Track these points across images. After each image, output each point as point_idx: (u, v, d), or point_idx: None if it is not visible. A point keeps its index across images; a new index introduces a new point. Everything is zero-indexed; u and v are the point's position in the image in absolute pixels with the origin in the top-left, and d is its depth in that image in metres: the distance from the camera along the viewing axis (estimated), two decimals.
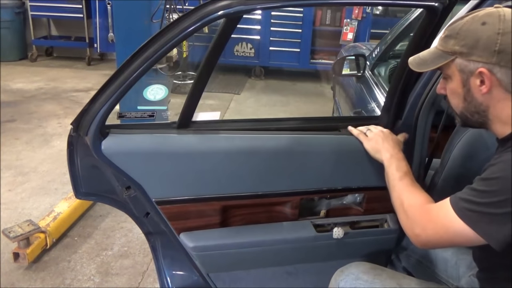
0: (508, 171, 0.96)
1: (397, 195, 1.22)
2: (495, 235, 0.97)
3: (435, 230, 1.06)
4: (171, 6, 3.54)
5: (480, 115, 1.06)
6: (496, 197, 0.96)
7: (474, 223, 0.99)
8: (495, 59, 0.97)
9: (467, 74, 1.02)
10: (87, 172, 1.36)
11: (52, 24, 7.07)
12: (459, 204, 1.02)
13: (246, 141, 1.40)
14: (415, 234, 1.10)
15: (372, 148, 1.38)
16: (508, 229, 0.95)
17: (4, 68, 6.06)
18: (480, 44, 0.98)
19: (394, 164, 1.29)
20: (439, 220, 1.06)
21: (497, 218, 0.96)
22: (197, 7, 1.17)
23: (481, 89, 1.01)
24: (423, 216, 1.10)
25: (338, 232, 1.51)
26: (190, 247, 1.44)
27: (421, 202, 1.14)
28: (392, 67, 2.71)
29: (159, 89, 3.14)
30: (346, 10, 6.02)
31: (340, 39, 5.97)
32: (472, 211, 0.99)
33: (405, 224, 1.15)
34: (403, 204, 1.17)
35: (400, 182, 1.24)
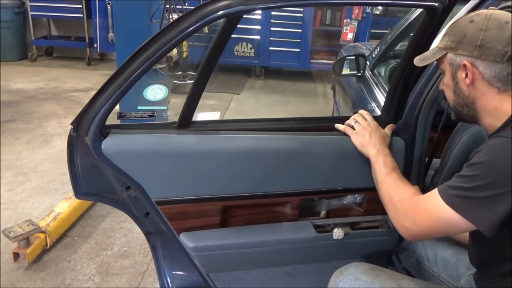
0: (493, 155, 1.00)
1: (385, 191, 1.24)
2: (482, 219, 0.99)
3: (425, 221, 1.09)
4: (171, 6, 3.54)
5: (469, 108, 1.13)
6: (481, 181, 0.99)
7: (462, 209, 1.01)
8: (476, 52, 1.05)
9: (455, 67, 1.11)
10: (87, 172, 1.36)
11: (52, 24, 7.07)
12: (447, 191, 1.05)
13: (246, 141, 1.40)
14: (405, 227, 1.13)
15: (360, 143, 1.40)
16: (495, 212, 0.97)
17: (4, 68, 6.06)
18: (466, 39, 1.06)
19: (381, 159, 1.32)
20: (429, 210, 1.08)
21: (484, 201, 0.98)
22: (197, 7, 1.17)
23: (465, 81, 1.09)
24: (412, 208, 1.12)
25: (338, 233, 1.51)
26: (190, 247, 1.43)
27: (409, 195, 1.17)
28: (392, 67, 2.71)
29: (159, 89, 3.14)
30: (346, 10, 6.02)
31: (340, 39, 5.97)
32: (459, 197, 1.01)
33: (395, 219, 1.18)
34: (392, 199, 1.20)
35: (387, 177, 1.26)
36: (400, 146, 1.51)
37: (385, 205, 1.24)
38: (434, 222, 1.07)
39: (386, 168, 1.29)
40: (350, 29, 5.92)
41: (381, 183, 1.28)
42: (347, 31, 5.93)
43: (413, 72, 1.45)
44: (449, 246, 1.48)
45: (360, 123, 1.43)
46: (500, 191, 0.97)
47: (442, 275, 1.47)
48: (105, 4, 5.69)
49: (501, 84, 1.05)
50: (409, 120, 1.51)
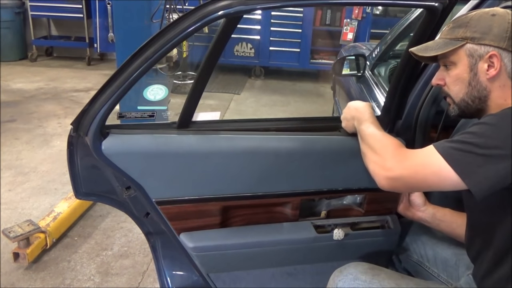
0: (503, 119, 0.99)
1: (370, 141, 1.20)
2: (474, 176, 0.97)
3: (411, 164, 1.05)
4: (171, 6, 3.54)
5: (481, 101, 1.11)
6: (483, 138, 0.98)
7: (455, 161, 0.99)
8: (506, 43, 1.05)
9: (476, 58, 1.09)
10: (87, 172, 1.36)
11: (52, 24, 7.07)
12: (442, 144, 1.03)
13: (246, 142, 1.40)
14: (386, 167, 1.08)
15: (346, 125, 1.38)
16: (489, 173, 0.96)
17: (4, 68, 6.06)
18: (493, 30, 1.06)
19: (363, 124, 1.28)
20: (419, 155, 1.06)
21: (479, 158, 0.97)
22: (197, 7, 1.17)
23: (488, 73, 1.08)
24: (400, 153, 1.09)
25: (339, 233, 1.51)
26: (190, 248, 1.43)
27: (397, 143, 1.14)
28: (392, 67, 2.71)
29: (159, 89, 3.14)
30: (346, 10, 6.02)
31: (340, 39, 5.98)
32: (455, 149, 1.00)
33: (374, 160, 1.13)
34: (375, 146, 1.15)
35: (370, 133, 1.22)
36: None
37: (365, 153, 1.19)
38: (421, 168, 1.04)
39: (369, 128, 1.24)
40: (350, 29, 5.93)
41: (364, 138, 1.23)
42: (347, 31, 5.93)
43: (413, 72, 1.45)
44: (449, 246, 1.48)
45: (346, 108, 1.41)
46: (499, 153, 0.96)
47: (441, 275, 1.47)
48: (105, 4, 5.69)
49: None
50: (409, 120, 1.51)
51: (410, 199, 1.44)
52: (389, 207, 1.55)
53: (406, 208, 1.46)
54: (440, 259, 1.48)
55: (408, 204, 1.45)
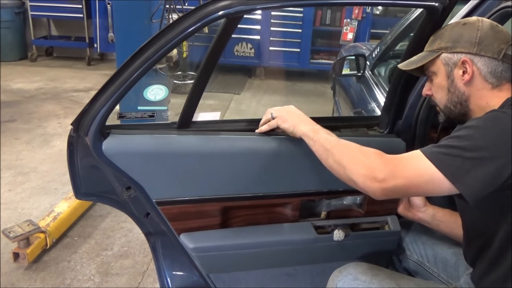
0: (488, 121, 1.02)
1: (343, 152, 1.12)
2: (465, 179, 0.97)
3: (405, 173, 1.02)
4: (171, 6, 3.54)
5: (462, 106, 1.16)
6: (471, 141, 0.99)
7: (445, 166, 0.99)
8: (476, 49, 1.11)
9: (451, 66, 1.15)
10: (87, 173, 1.36)
11: (52, 24, 7.07)
12: (430, 149, 1.03)
13: (247, 142, 1.40)
14: (379, 179, 1.02)
15: (290, 125, 1.29)
16: (479, 173, 0.96)
17: (4, 68, 6.06)
18: (463, 38, 1.13)
19: (321, 131, 1.23)
20: (410, 164, 1.03)
21: (469, 161, 0.97)
22: (198, 7, 1.17)
23: (463, 78, 1.13)
24: (388, 161, 1.04)
25: (339, 234, 1.51)
26: (190, 248, 1.43)
27: (377, 151, 1.08)
28: (392, 67, 2.71)
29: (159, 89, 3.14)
30: (346, 10, 6.02)
31: (340, 39, 5.98)
32: (444, 154, 1.00)
33: (362, 174, 1.05)
34: (357, 157, 1.08)
35: (340, 141, 1.17)
36: (401, 146, 1.51)
37: (345, 166, 1.09)
38: (414, 176, 1.02)
39: (331, 136, 1.20)
40: (350, 29, 5.92)
41: (334, 147, 1.15)
42: (347, 31, 5.93)
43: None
44: (449, 247, 1.48)
45: (277, 110, 1.34)
46: (487, 155, 0.96)
47: (441, 275, 1.47)
48: (105, 4, 5.69)
49: (495, 80, 1.11)
50: (409, 120, 1.51)
51: (410, 200, 1.44)
52: (389, 208, 1.55)
53: (406, 208, 1.46)
54: (440, 259, 1.48)
55: (408, 205, 1.45)
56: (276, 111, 1.34)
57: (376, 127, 1.61)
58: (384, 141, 1.54)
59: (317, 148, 1.21)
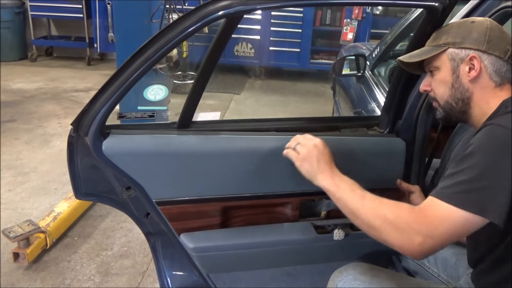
0: (482, 143, 1.00)
1: (372, 214, 1.06)
2: (491, 208, 0.96)
3: (439, 229, 0.98)
4: (171, 6, 3.54)
5: (464, 103, 1.16)
6: (480, 169, 0.97)
7: (471, 205, 0.96)
8: (485, 46, 1.11)
9: (458, 61, 1.14)
10: (87, 173, 1.36)
11: (52, 24, 7.06)
12: (444, 192, 1.00)
13: (247, 142, 1.40)
14: (418, 243, 0.99)
15: (307, 171, 1.21)
16: (500, 196, 0.95)
17: (4, 68, 6.06)
18: (472, 35, 1.12)
19: (342, 185, 1.15)
20: (437, 217, 0.99)
21: (487, 190, 0.96)
22: (198, 7, 1.17)
23: (469, 74, 1.12)
24: (418, 221, 1.00)
25: (339, 234, 1.51)
26: (191, 248, 1.43)
27: (407, 209, 1.04)
28: (392, 67, 2.71)
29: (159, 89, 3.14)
30: (346, 10, 6.02)
31: (340, 39, 5.97)
32: (461, 193, 0.97)
33: (398, 239, 1.01)
34: (388, 219, 1.03)
35: (365, 200, 1.09)
36: (400, 146, 1.51)
37: (378, 229, 1.05)
38: (449, 228, 0.98)
39: (355, 191, 1.12)
40: (350, 29, 5.92)
41: (361, 208, 1.09)
42: (347, 31, 5.93)
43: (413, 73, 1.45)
44: (449, 247, 1.47)
45: (303, 145, 1.23)
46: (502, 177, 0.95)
47: (441, 275, 1.47)
48: (105, 4, 5.69)
49: (499, 79, 1.12)
50: (409, 120, 1.51)
51: (409, 199, 1.44)
52: None
53: None
54: (440, 259, 1.48)
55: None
56: (301, 147, 1.23)
57: (376, 127, 1.61)
58: (384, 140, 1.54)
59: (341, 207, 1.14)
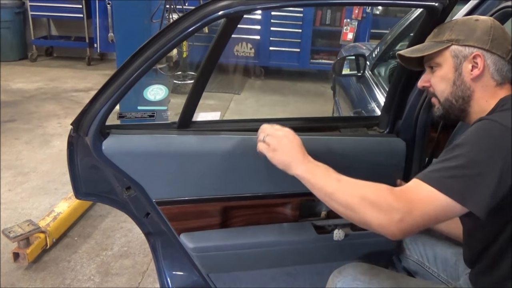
0: (475, 135, 1.01)
1: (350, 195, 1.04)
2: (472, 197, 0.96)
3: (421, 213, 0.98)
4: (171, 6, 3.54)
5: (464, 101, 1.15)
6: (467, 158, 0.98)
7: (453, 191, 0.97)
8: (489, 45, 1.11)
9: (461, 59, 1.14)
10: (87, 173, 1.36)
11: (52, 24, 7.06)
12: (431, 175, 1.00)
13: (247, 142, 1.40)
14: (397, 220, 0.97)
15: (281, 162, 1.16)
16: (485, 188, 0.95)
17: (4, 68, 6.06)
18: (477, 33, 1.12)
19: (316, 171, 1.12)
20: (419, 198, 0.98)
21: (472, 179, 0.96)
22: (198, 7, 1.17)
23: (472, 73, 1.12)
24: (399, 199, 0.99)
25: (339, 234, 1.51)
26: (191, 248, 1.43)
27: (386, 188, 1.02)
28: (392, 67, 2.71)
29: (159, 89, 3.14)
30: (346, 10, 6.02)
31: (340, 39, 5.97)
32: (448, 178, 0.98)
33: (377, 218, 0.99)
34: (367, 198, 1.01)
35: (341, 182, 1.08)
36: (400, 146, 1.51)
37: (356, 209, 1.02)
38: (429, 209, 0.98)
39: (330, 175, 1.10)
40: (350, 29, 5.92)
41: (337, 190, 1.06)
42: (347, 31, 5.93)
43: (413, 72, 1.45)
44: (449, 246, 1.48)
45: (272, 135, 1.18)
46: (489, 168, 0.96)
47: (441, 275, 1.47)
48: (105, 4, 5.69)
49: (500, 78, 1.12)
50: (409, 120, 1.51)
51: None
52: None
53: None
54: (440, 259, 1.48)
55: None
56: (270, 138, 1.18)
57: (376, 127, 1.61)
58: (384, 140, 1.54)
59: (317, 192, 1.11)
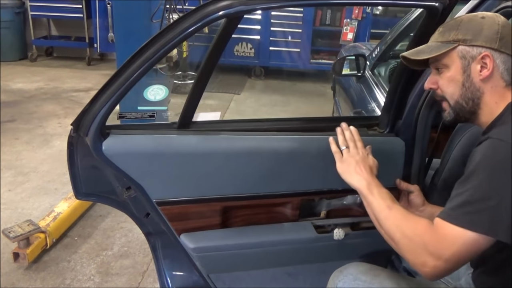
0: (483, 160, 0.99)
1: (394, 226, 1.10)
2: (499, 227, 0.95)
3: (453, 255, 0.98)
4: (171, 6, 3.54)
5: (474, 102, 1.12)
6: (484, 188, 0.96)
7: (480, 226, 0.95)
8: (497, 44, 1.07)
9: (469, 59, 1.10)
10: (87, 173, 1.36)
11: (52, 24, 7.06)
12: (455, 214, 0.99)
13: (247, 142, 1.40)
14: (432, 266, 0.99)
15: (343, 171, 1.26)
16: (506, 213, 0.94)
17: (4, 68, 6.05)
18: (484, 32, 1.08)
19: (375, 191, 1.18)
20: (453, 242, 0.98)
21: (493, 210, 0.95)
22: (198, 7, 1.17)
23: (481, 74, 1.09)
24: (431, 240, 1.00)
25: (339, 233, 1.51)
26: (191, 248, 1.43)
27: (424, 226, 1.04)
28: (392, 67, 2.71)
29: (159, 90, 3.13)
30: (346, 10, 6.02)
31: (340, 39, 5.98)
32: (471, 214, 0.96)
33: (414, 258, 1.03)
34: (407, 235, 1.05)
35: (391, 211, 1.13)
36: (400, 146, 1.51)
37: (397, 243, 1.08)
38: (457, 249, 0.97)
39: (385, 200, 1.15)
40: (350, 29, 5.92)
41: (385, 218, 1.13)
42: (347, 31, 5.93)
43: (413, 72, 1.45)
44: None
45: (349, 150, 1.29)
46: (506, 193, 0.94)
47: None
48: (105, 4, 5.69)
49: (509, 78, 1.09)
50: (409, 120, 1.51)
51: (409, 199, 1.44)
52: None
53: (405, 208, 1.45)
54: None
55: (407, 204, 1.45)
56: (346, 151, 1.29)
57: (376, 127, 1.61)
58: (383, 140, 1.54)
59: (369, 210, 1.19)
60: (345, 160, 1.27)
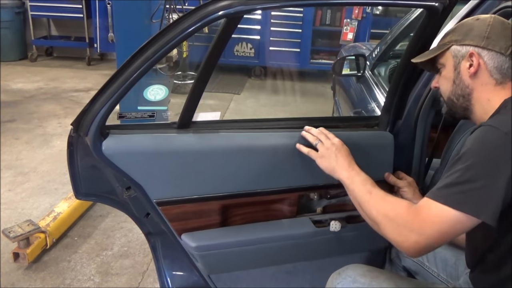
0: (475, 145, 1.02)
1: (375, 209, 1.15)
2: (484, 208, 0.98)
3: (432, 228, 1.02)
4: (171, 6, 3.54)
5: (465, 99, 1.17)
6: (473, 170, 0.99)
7: (465, 205, 0.98)
8: (484, 42, 1.12)
9: (459, 58, 1.16)
10: (87, 173, 1.36)
11: (52, 24, 7.07)
12: (442, 193, 1.02)
13: (245, 139, 1.40)
14: (412, 241, 1.04)
15: (326, 167, 1.32)
16: (494, 197, 0.97)
17: (4, 68, 6.05)
18: (473, 31, 1.14)
19: (356, 179, 1.24)
20: (431, 216, 1.02)
21: (480, 191, 0.98)
22: (198, 7, 1.17)
23: (469, 71, 1.14)
24: (414, 219, 1.05)
25: (335, 225, 1.51)
26: (193, 247, 1.43)
27: (405, 207, 1.09)
28: (392, 67, 2.71)
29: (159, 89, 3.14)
30: (346, 10, 6.02)
31: (340, 39, 5.98)
32: (457, 194, 1.00)
33: (397, 236, 1.09)
34: (388, 215, 1.11)
35: (371, 195, 1.18)
36: (389, 140, 1.51)
37: (379, 224, 1.13)
38: (443, 227, 1.01)
39: (365, 186, 1.21)
40: (350, 29, 5.92)
41: (366, 202, 1.18)
42: (347, 31, 5.93)
43: (413, 72, 1.45)
44: (448, 246, 1.48)
45: (323, 143, 1.34)
46: (495, 177, 0.97)
47: (441, 275, 1.47)
48: (105, 4, 5.69)
49: (500, 76, 1.12)
50: (409, 120, 1.51)
51: (400, 193, 1.45)
52: None
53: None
54: (439, 258, 1.48)
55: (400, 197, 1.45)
56: (321, 145, 1.34)
57: (376, 127, 1.61)
58: (371, 134, 1.54)
59: (352, 198, 1.26)
60: (324, 155, 1.33)
